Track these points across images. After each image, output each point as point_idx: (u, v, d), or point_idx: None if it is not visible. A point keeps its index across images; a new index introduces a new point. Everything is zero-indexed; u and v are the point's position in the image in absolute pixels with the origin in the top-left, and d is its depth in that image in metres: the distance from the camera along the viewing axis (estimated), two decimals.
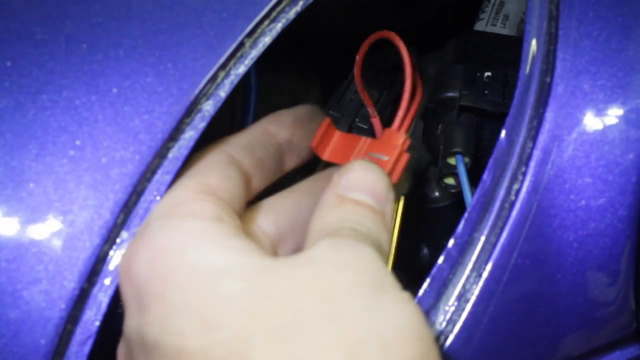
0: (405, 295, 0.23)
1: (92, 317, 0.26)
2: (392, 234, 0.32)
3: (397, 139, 0.32)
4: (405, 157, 0.31)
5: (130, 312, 0.24)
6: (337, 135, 0.34)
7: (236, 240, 0.24)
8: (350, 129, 0.38)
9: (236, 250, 0.23)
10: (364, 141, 0.33)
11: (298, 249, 0.32)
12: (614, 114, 0.29)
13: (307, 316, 0.20)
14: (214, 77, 0.28)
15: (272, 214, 0.32)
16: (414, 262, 0.57)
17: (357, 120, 0.38)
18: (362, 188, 0.28)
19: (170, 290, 0.22)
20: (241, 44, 0.28)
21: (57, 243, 0.25)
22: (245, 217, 0.31)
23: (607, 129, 0.29)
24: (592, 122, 0.29)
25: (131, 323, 0.24)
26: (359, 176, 0.28)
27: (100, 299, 0.26)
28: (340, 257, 0.23)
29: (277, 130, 0.32)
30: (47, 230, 0.25)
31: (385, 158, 0.31)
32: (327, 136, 0.34)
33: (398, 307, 0.22)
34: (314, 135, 0.34)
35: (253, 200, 0.32)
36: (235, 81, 0.28)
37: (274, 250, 0.31)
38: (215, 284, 0.22)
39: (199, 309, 0.21)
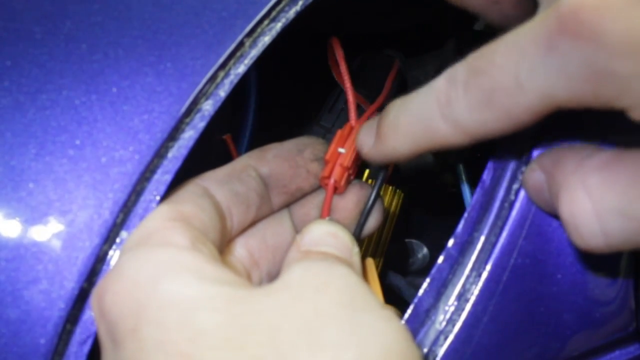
0: (388, 313, 0.22)
1: (92, 316, 0.26)
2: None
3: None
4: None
5: (105, 348, 0.23)
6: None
7: (211, 268, 0.23)
8: None
9: (211, 280, 0.22)
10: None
11: (271, 272, 0.32)
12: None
13: (289, 347, 0.20)
14: (213, 77, 0.28)
15: (242, 237, 0.31)
16: (414, 262, 0.57)
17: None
18: (326, 243, 0.28)
19: (144, 324, 0.21)
20: (241, 44, 0.28)
21: (56, 243, 0.25)
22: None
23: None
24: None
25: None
26: (320, 233, 0.28)
27: None
28: (316, 278, 0.22)
29: (257, 164, 0.31)
30: (46, 229, 0.25)
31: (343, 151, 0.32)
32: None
33: (382, 325, 0.21)
34: (301, 169, 0.32)
35: None
36: (235, 81, 0.28)
37: (248, 276, 0.30)
38: (192, 316, 0.21)
39: (176, 344, 0.20)
